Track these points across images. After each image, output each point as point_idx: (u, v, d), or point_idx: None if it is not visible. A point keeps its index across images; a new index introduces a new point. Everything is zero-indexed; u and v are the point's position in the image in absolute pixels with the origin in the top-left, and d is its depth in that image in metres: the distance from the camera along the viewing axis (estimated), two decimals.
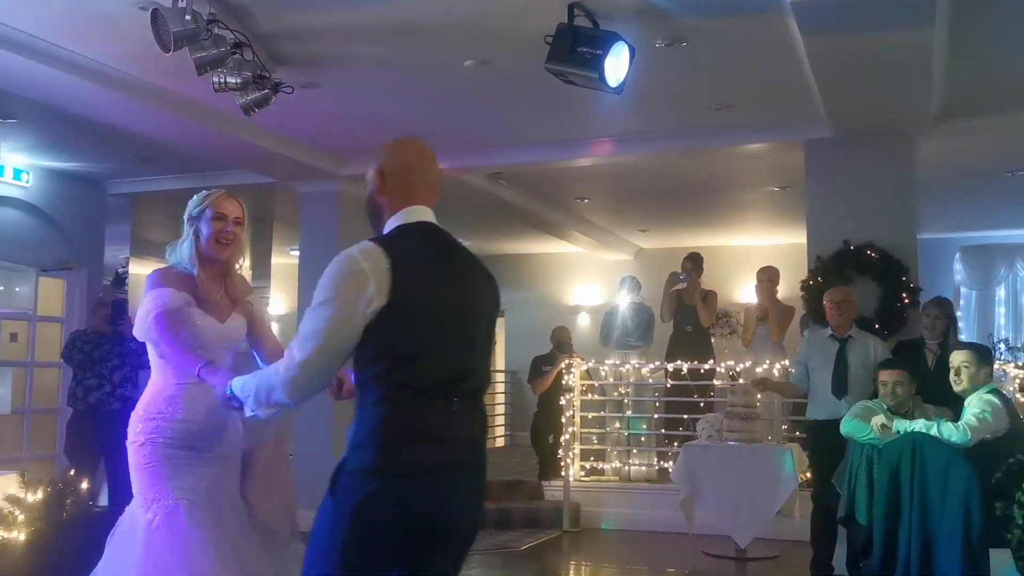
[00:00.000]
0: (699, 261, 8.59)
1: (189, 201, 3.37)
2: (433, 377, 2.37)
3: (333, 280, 2.36)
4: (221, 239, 3.28)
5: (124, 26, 4.98)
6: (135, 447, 3.20)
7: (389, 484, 2.30)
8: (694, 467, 6.69)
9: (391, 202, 2.54)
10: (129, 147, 7.64)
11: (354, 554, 2.30)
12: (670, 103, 6.51)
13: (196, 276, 3.27)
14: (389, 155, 2.59)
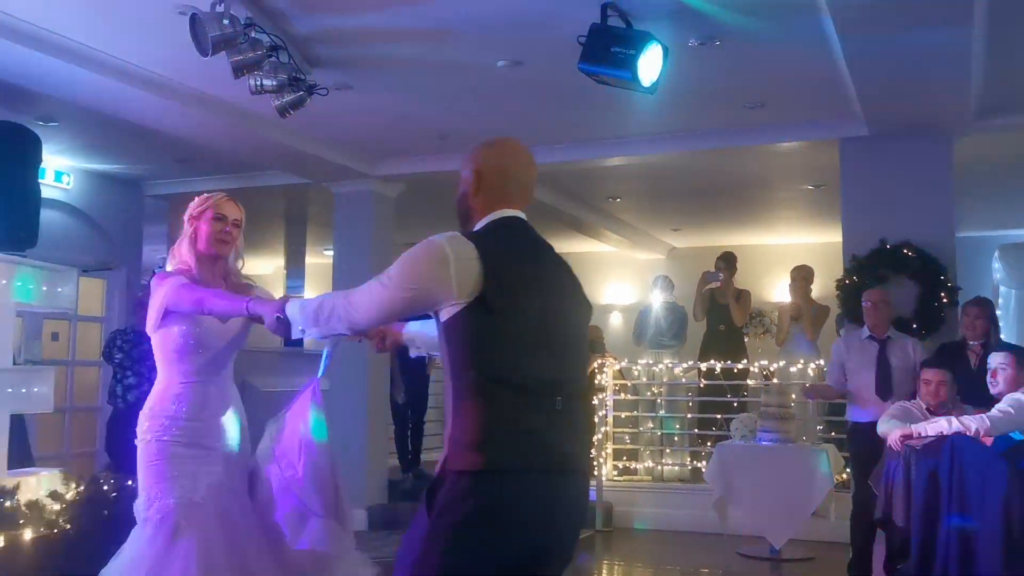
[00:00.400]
0: (732, 260, 8.55)
1: (190, 203, 3.45)
2: (532, 375, 2.30)
3: (411, 259, 2.36)
4: (220, 237, 3.37)
5: (163, 30, 5.06)
6: (142, 445, 3.24)
7: (490, 489, 2.21)
8: (728, 467, 6.66)
9: (485, 204, 2.51)
10: (166, 149, 7.74)
11: (459, 562, 2.19)
12: (703, 102, 6.48)
13: (195, 273, 3.34)
14: (487, 156, 2.55)
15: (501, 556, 2.22)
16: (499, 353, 2.29)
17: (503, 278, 2.32)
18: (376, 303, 2.39)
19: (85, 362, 8.60)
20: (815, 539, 6.75)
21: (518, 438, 2.25)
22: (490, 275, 2.29)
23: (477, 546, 2.20)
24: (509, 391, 2.27)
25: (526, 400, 2.28)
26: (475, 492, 2.20)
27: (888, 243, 6.70)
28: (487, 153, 2.56)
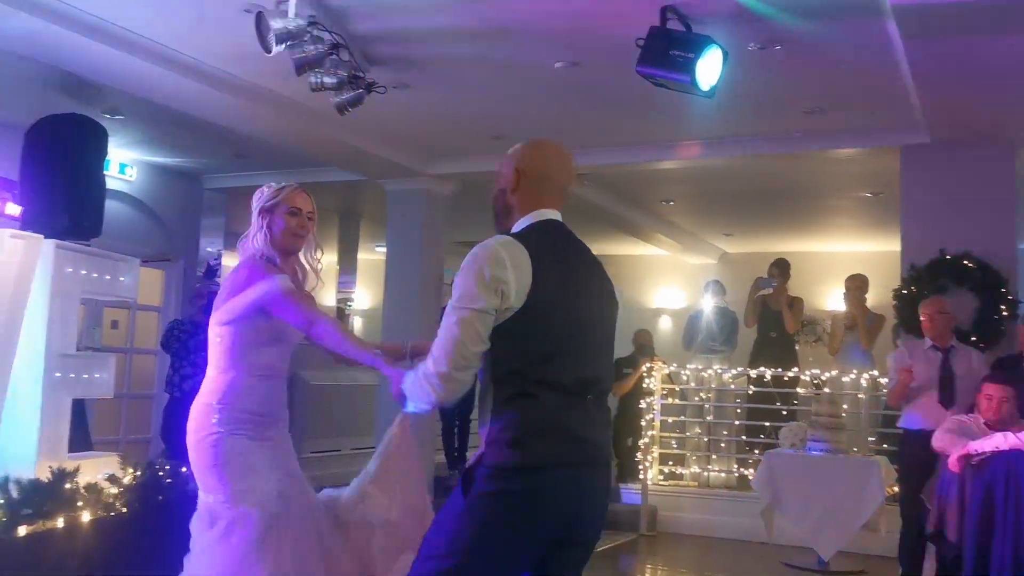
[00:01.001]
0: (786, 267, 8.46)
1: (257, 193, 3.32)
2: (571, 375, 2.38)
3: (475, 269, 2.34)
4: (296, 232, 3.29)
5: (228, 27, 5.16)
6: (212, 439, 3.03)
7: (527, 480, 2.31)
8: (776, 475, 6.59)
9: (523, 203, 2.55)
10: (225, 143, 7.89)
11: (485, 547, 2.30)
12: (761, 106, 6.43)
13: (280, 267, 3.27)
14: (528, 156, 2.59)
15: (533, 537, 2.34)
16: (545, 356, 2.37)
17: (550, 282, 2.39)
18: (454, 340, 2.33)
19: (143, 350, 8.79)
20: (865, 552, 6.65)
21: (556, 435, 2.35)
22: (539, 280, 2.37)
23: (510, 527, 2.31)
24: (551, 392, 2.36)
25: (566, 400, 2.38)
26: (513, 480, 2.32)
27: (948, 253, 6.59)
28: (529, 153, 2.60)
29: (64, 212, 5.80)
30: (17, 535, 3.86)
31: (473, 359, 2.35)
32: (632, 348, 8.90)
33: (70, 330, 4.58)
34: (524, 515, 2.31)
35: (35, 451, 4.25)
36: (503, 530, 2.31)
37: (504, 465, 2.32)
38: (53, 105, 6.11)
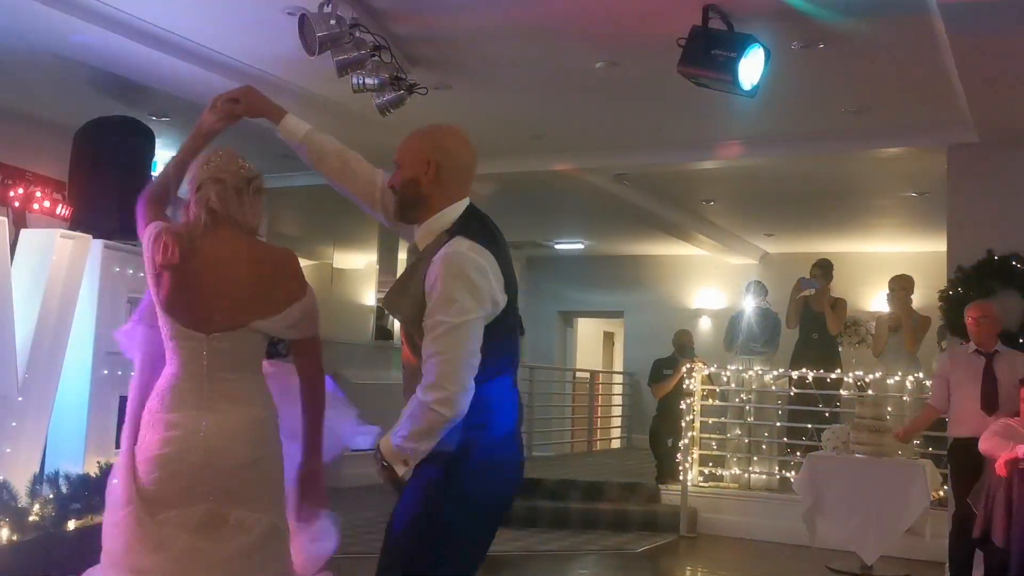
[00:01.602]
0: (829, 268, 8.37)
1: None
2: (518, 363, 2.57)
3: (467, 280, 2.30)
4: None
5: (271, 30, 5.22)
6: (280, 454, 2.68)
7: (494, 447, 2.43)
8: (818, 478, 6.52)
9: (443, 195, 2.48)
10: (269, 144, 7.93)
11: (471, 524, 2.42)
12: (804, 105, 6.37)
13: None
14: (446, 145, 2.54)
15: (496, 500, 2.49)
16: (508, 346, 2.47)
17: (511, 276, 2.44)
18: (471, 345, 2.30)
19: None
20: (910, 557, 6.55)
21: (512, 408, 2.50)
22: (507, 277, 2.42)
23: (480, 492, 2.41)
24: (509, 376, 2.51)
25: (514, 379, 2.54)
26: (477, 449, 2.39)
27: (995, 254, 6.47)
28: (446, 141, 2.56)
29: (112, 213, 5.92)
30: (67, 528, 3.94)
31: (475, 369, 2.32)
32: (672, 348, 8.86)
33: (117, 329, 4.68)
34: (490, 481, 2.48)
35: (83, 447, 4.33)
36: (471, 500, 2.47)
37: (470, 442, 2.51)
38: (101, 107, 6.24)
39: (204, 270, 2.54)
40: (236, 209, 2.61)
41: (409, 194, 2.50)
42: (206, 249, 2.55)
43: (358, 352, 10.41)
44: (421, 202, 2.49)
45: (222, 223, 2.58)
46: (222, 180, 2.62)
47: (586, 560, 6.80)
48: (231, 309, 2.54)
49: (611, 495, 8.24)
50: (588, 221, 11.43)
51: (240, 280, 2.57)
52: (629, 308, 13.71)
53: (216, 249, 2.57)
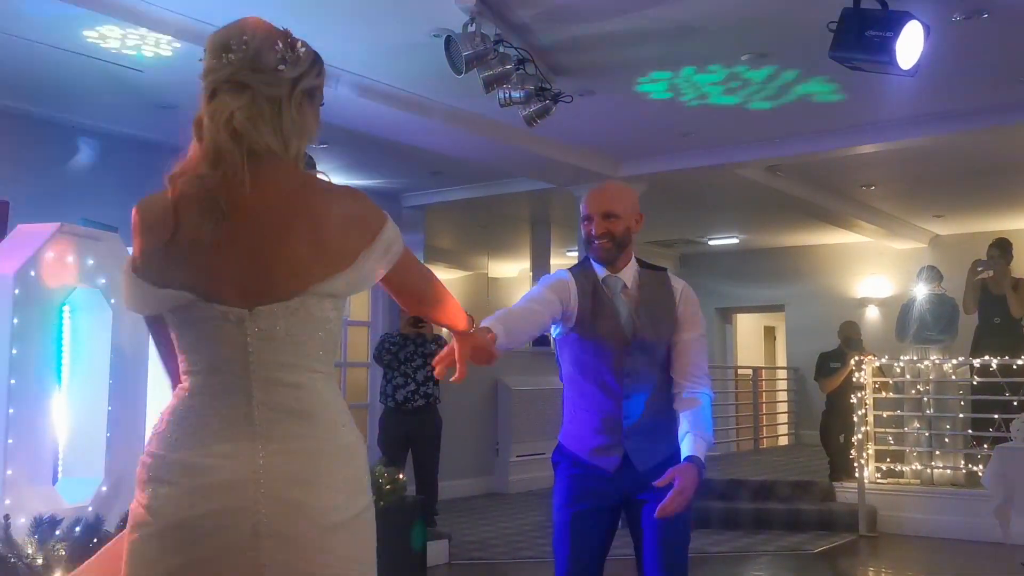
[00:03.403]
0: (1007, 247, 7.88)
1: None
2: None
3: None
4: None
5: (419, 53, 5.40)
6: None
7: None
8: (1010, 471, 6.13)
9: (632, 243, 2.89)
10: (421, 163, 8.24)
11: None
12: (968, 79, 6.04)
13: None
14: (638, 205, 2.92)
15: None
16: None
17: None
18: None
19: (355, 363, 9.31)
20: None
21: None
22: None
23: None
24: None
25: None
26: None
27: None
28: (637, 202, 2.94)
29: None
30: None
31: None
32: (837, 341, 8.55)
33: None
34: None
35: None
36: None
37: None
38: None
39: (238, 224, 1.62)
40: (271, 134, 1.66)
41: (625, 240, 2.86)
42: (229, 191, 1.61)
43: (516, 360, 10.56)
44: (626, 246, 2.87)
45: (255, 152, 1.64)
46: (249, 86, 1.67)
47: (760, 561, 6.65)
48: (281, 269, 1.63)
49: (783, 494, 8.03)
50: (741, 215, 11.20)
51: (289, 230, 1.64)
52: (790, 301, 13.34)
53: (246, 193, 1.63)
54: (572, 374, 2.85)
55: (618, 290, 2.83)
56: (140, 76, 5.66)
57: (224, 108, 1.63)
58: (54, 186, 6.33)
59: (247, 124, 1.62)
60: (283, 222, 1.63)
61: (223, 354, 1.59)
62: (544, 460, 10.20)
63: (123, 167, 6.82)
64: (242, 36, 1.67)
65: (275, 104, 1.67)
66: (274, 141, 1.66)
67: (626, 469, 2.75)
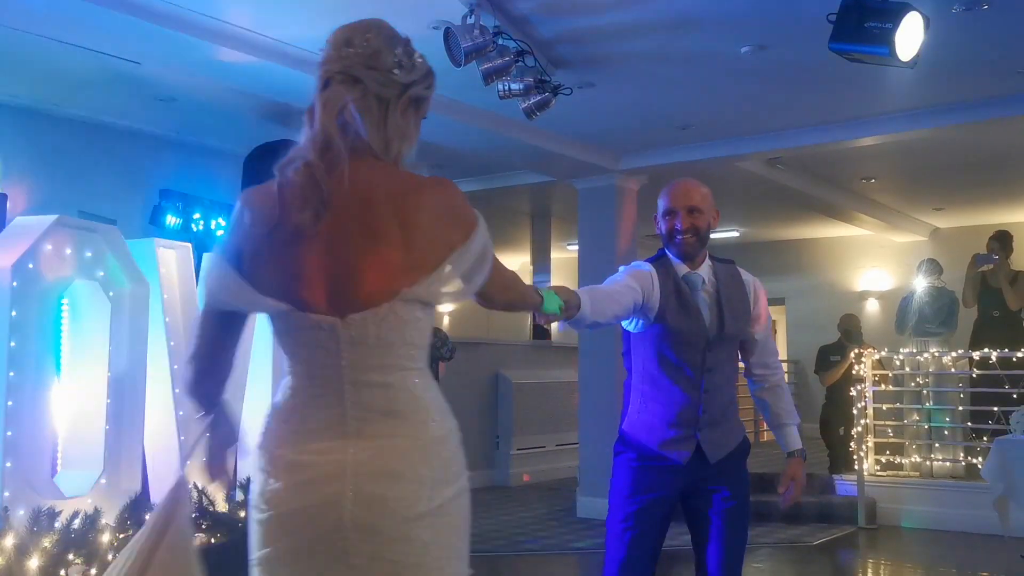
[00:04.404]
0: (1007, 240, 7.88)
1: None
2: None
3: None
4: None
5: (418, 45, 5.35)
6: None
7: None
8: (1009, 464, 6.13)
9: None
10: (421, 156, 8.13)
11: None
12: (969, 71, 6.02)
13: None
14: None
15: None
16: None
17: None
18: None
19: None
20: None
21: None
22: None
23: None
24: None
25: None
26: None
27: None
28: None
29: None
30: None
31: None
32: (837, 334, 8.55)
33: None
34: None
35: None
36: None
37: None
38: (267, 134, 6.61)
39: (331, 223, 1.69)
40: (375, 132, 1.75)
41: (707, 235, 2.96)
42: (330, 182, 1.70)
43: (516, 353, 10.57)
44: (707, 242, 2.98)
45: (357, 148, 1.72)
46: (361, 81, 1.75)
47: (760, 554, 6.66)
48: (371, 276, 1.68)
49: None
50: (742, 208, 11.18)
51: (380, 232, 1.69)
52: (790, 294, 13.33)
53: (343, 189, 1.69)
54: (648, 367, 2.87)
55: (699, 286, 2.89)
56: (138, 68, 5.65)
57: (337, 98, 1.72)
58: (52, 179, 6.32)
59: (355, 117, 1.71)
60: (375, 224, 1.69)
61: (318, 359, 1.69)
62: (544, 453, 10.22)
63: (120, 160, 6.82)
64: (366, 34, 1.79)
65: (383, 104, 1.76)
66: (376, 139, 1.75)
67: (696, 461, 2.82)
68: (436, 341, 7.02)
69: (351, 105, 1.70)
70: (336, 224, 1.68)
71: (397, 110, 1.78)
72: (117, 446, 3.72)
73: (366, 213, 1.69)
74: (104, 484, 3.64)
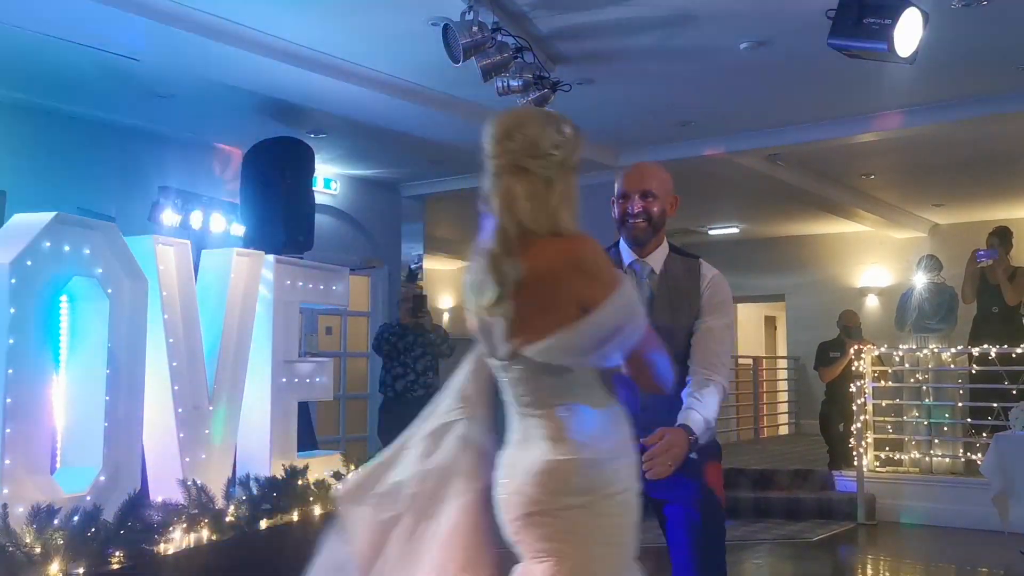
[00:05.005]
0: (1007, 236, 7.88)
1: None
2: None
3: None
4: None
5: (417, 42, 5.39)
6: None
7: None
8: (1008, 459, 6.14)
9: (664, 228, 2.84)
10: (420, 152, 8.22)
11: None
12: (968, 67, 6.02)
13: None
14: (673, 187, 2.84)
15: None
16: None
17: None
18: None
19: (355, 354, 9.31)
20: None
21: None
22: None
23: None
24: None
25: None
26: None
27: None
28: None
29: (281, 229, 6.27)
30: (259, 528, 4.20)
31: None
32: (837, 330, 8.55)
33: (292, 338, 4.93)
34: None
35: (268, 451, 4.60)
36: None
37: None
38: (265, 130, 6.61)
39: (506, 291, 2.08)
40: (544, 213, 2.04)
41: (660, 221, 2.81)
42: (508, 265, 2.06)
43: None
44: (660, 228, 2.82)
45: (528, 230, 2.04)
46: (528, 170, 2.05)
47: (759, 550, 6.67)
48: (522, 335, 2.07)
49: (782, 483, 8.05)
50: (742, 204, 11.18)
51: (536, 303, 2.05)
52: (790, 291, 13.33)
53: (517, 268, 2.06)
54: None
55: (644, 276, 2.77)
56: (136, 65, 5.64)
57: (511, 192, 2.03)
58: (50, 176, 6.32)
59: (527, 206, 2.02)
60: (533, 296, 2.03)
61: (504, 389, 2.17)
62: None
63: (119, 156, 6.82)
64: (521, 126, 2.06)
65: (548, 183, 2.05)
66: (544, 219, 2.03)
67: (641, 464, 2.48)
68: (436, 338, 7.02)
69: (522, 198, 2.02)
70: (509, 295, 2.05)
71: (561, 184, 2.06)
72: (116, 443, 3.71)
73: (529, 288, 2.04)
74: (103, 481, 3.63)
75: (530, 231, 2.02)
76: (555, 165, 2.05)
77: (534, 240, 2.02)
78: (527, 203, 2.01)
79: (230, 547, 3.98)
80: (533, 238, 2.02)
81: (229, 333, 4.42)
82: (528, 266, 2.02)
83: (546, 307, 2.03)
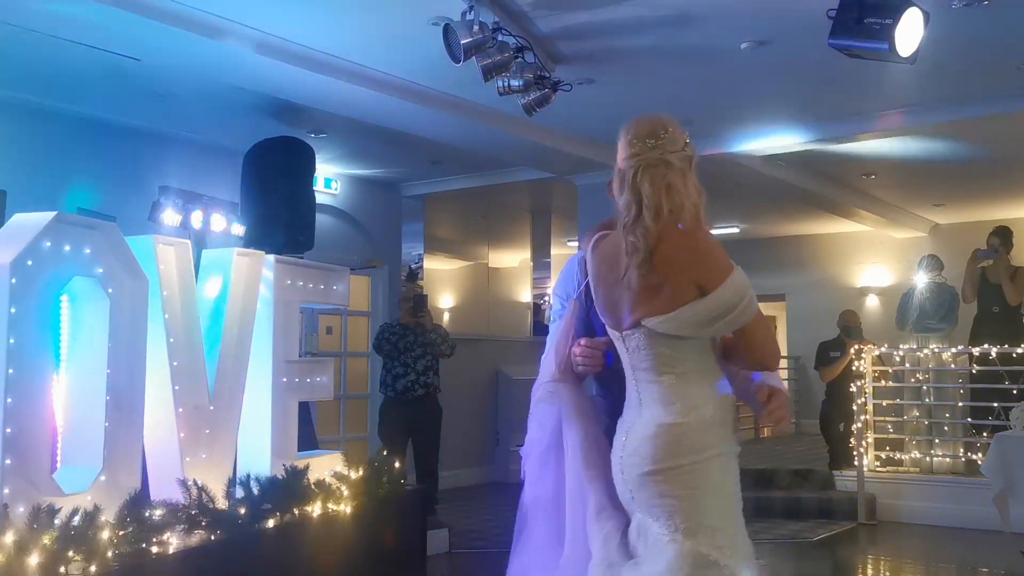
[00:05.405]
0: (1007, 235, 7.88)
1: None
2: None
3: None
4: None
5: (417, 41, 5.38)
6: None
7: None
8: (1009, 459, 6.13)
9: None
10: (421, 152, 8.22)
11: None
12: (969, 67, 6.01)
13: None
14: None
15: None
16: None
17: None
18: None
19: (356, 353, 9.31)
20: None
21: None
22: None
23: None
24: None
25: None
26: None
27: None
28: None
29: (281, 229, 6.26)
30: (260, 527, 4.20)
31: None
32: (837, 330, 8.54)
33: (293, 338, 4.93)
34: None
35: (269, 451, 4.60)
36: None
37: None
38: (265, 129, 6.60)
39: (616, 261, 2.45)
40: (679, 198, 2.43)
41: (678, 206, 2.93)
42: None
43: (516, 348, 10.58)
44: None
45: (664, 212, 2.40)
46: (672, 163, 2.47)
47: (761, 549, 6.65)
48: (638, 311, 2.40)
49: (783, 482, 8.05)
50: (742, 204, 11.17)
51: (657, 281, 2.38)
52: (791, 291, 13.33)
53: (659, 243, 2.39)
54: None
55: None
56: (136, 65, 5.64)
57: (662, 177, 2.42)
58: (51, 175, 6.31)
59: (675, 193, 2.40)
60: (658, 275, 2.37)
61: (621, 357, 2.49)
62: None
63: (119, 156, 6.81)
64: (664, 127, 2.50)
65: (683, 175, 2.45)
66: (676, 204, 2.41)
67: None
68: (436, 338, 7.01)
69: (673, 182, 2.42)
70: (618, 264, 2.46)
71: (690, 175, 2.47)
72: (116, 443, 3.71)
73: (657, 268, 2.39)
74: (104, 481, 3.63)
75: (668, 215, 2.38)
76: (687, 160, 2.47)
77: (665, 227, 2.38)
78: (674, 190, 2.39)
79: (230, 547, 3.98)
80: (667, 224, 2.38)
81: (230, 333, 4.42)
82: (658, 248, 2.37)
83: (668, 286, 2.35)
